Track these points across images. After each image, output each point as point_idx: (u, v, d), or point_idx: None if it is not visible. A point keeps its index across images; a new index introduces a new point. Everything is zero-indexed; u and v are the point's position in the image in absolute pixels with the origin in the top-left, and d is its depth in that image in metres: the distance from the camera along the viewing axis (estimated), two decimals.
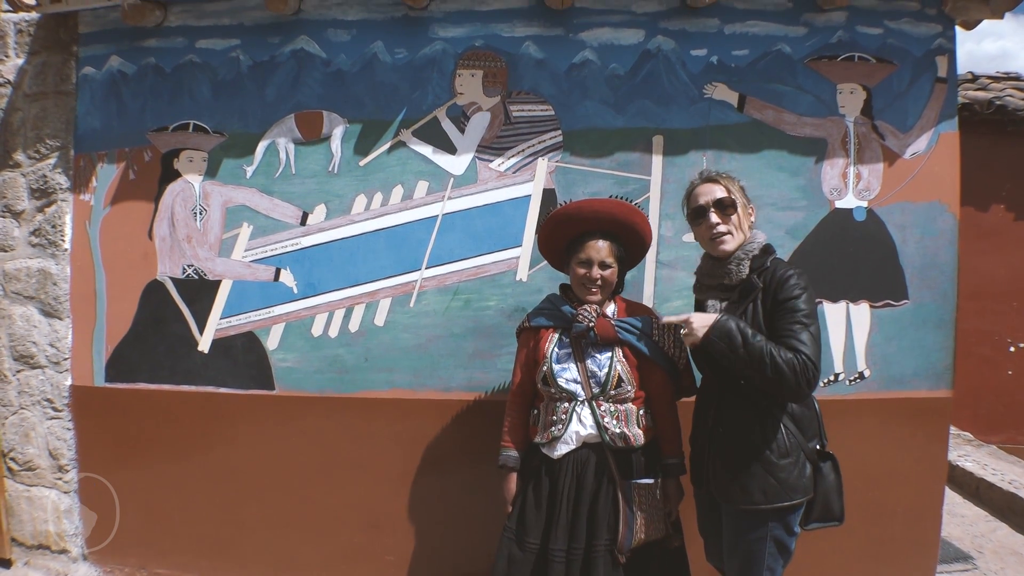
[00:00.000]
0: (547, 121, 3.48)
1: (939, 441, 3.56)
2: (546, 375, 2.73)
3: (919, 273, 3.48)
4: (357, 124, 3.56)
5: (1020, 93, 6.51)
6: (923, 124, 3.49)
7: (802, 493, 2.43)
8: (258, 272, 3.61)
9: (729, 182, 2.57)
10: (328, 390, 3.58)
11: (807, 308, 2.36)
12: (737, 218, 2.52)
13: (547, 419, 2.75)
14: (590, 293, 2.74)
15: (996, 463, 5.50)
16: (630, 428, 2.69)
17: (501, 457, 2.86)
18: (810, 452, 2.48)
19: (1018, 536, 4.55)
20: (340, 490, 3.61)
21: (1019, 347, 6.65)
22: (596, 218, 2.74)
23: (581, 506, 2.67)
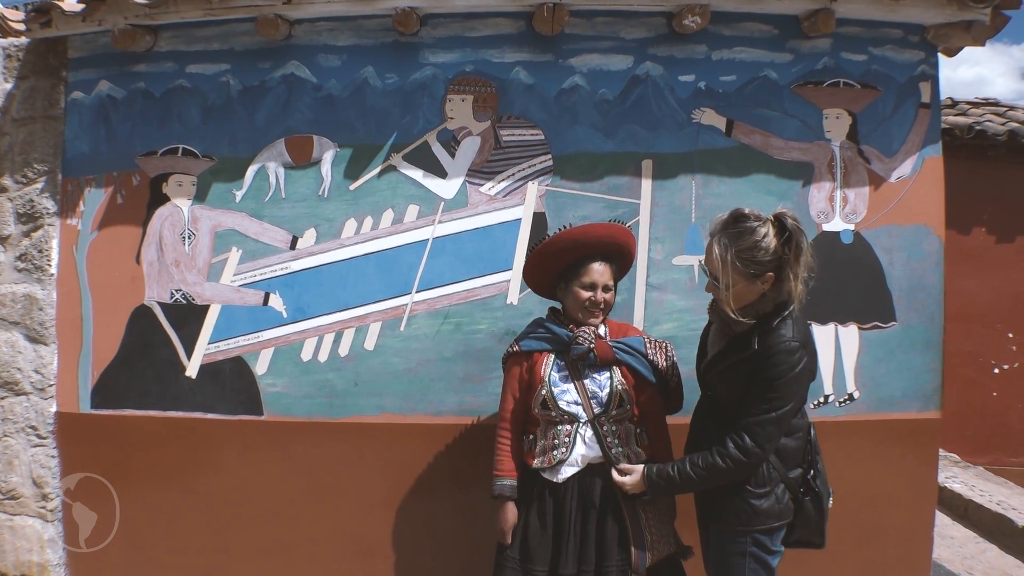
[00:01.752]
0: (537, 145, 3.49)
1: (929, 462, 3.56)
2: (546, 399, 2.70)
3: (906, 295, 3.51)
4: (347, 148, 3.54)
5: (999, 119, 6.63)
6: (908, 148, 3.53)
7: (776, 519, 2.44)
8: (247, 296, 3.58)
9: (725, 256, 2.30)
10: (317, 415, 3.54)
11: (782, 390, 2.29)
12: (731, 295, 2.32)
13: (547, 443, 2.72)
14: (593, 316, 2.75)
15: (984, 484, 5.52)
16: (631, 447, 2.70)
17: (496, 487, 2.80)
18: (791, 482, 2.47)
19: (1008, 557, 4.56)
20: (329, 517, 3.56)
21: (1003, 368, 6.70)
22: (599, 243, 2.75)
23: (589, 528, 2.65)
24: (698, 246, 3.45)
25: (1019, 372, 6.70)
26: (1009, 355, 6.72)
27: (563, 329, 2.78)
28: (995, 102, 7.05)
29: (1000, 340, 6.69)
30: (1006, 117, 6.71)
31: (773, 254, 2.27)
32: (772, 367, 2.28)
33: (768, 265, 2.28)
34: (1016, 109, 6.93)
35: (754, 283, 2.31)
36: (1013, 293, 6.67)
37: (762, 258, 2.27)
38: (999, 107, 6.95)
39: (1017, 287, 6.67)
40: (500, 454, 2.84)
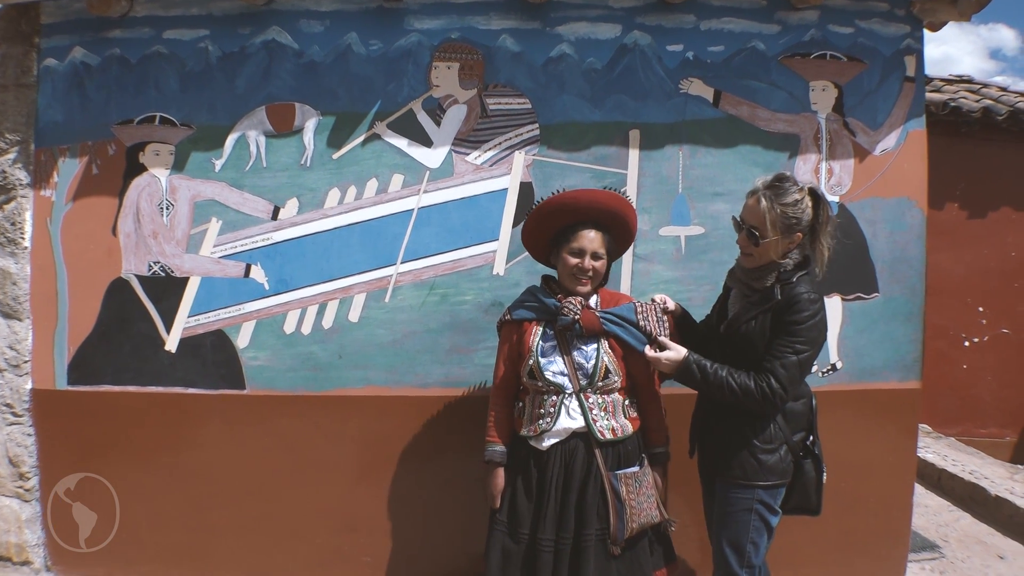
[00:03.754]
0: (524, 114, 3.43)
1: (909, 432, 3.60)
2: (532, 369, 2.68)
3: (889, 267, 3.52)
4: (330, 116, 3.46)
5: (973, 95, 6.67)
6: (892, 121, 3.53)
7: (779, 476, 2.53)
8: (227, 268, 3.49)
9: (769, 206, 2.45)
10: (301, 389, 3.47)
11: (804, 334, 2.42)
12: (764, 247, 2.48)
13: (534, 412, 2.71)
14: (580, 284, 2.70)
15: (956, 454, 5.60)
16: (617, 419, 2.68)
17: (488, 452, 2.79)
18: (794, 444, 2.57)
19: (981, 525, 4.63)
20: (314, 492, 3.50)
21: (973, 342, 6.79)
22: (591, 208, 2.69)
23: (569, 496, 2.63)
24: (685, 216, 3.42)
25: (989, 345, 6.80)
26: (979, 329, 6.81)
27: (551, 299, 2.73)
28: (969, 79, 7.09)
29: (971, 314, 6.78)
30: (980, 94, 6.75)
31: (806, 216, 2.47)
32: (795, 313, 2.41)
33: (800, 225, 2.48)
34: (990, 87, 6.98)
35: (787, 239, 2.48)
36: (984, 268, 6.75)
37: (799, 215, 2.46)
38: (973, 84, 7.00)
39: (988, 262, 6.76)
40: (491, 421, 2.83)
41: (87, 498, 3.59)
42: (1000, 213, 6.77)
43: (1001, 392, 6.80)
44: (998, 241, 6.77)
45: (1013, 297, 6.80)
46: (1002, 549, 4.29)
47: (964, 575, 3.94)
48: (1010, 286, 6.79)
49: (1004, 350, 6.80)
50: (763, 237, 2.47)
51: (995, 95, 6.78)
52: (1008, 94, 6.81)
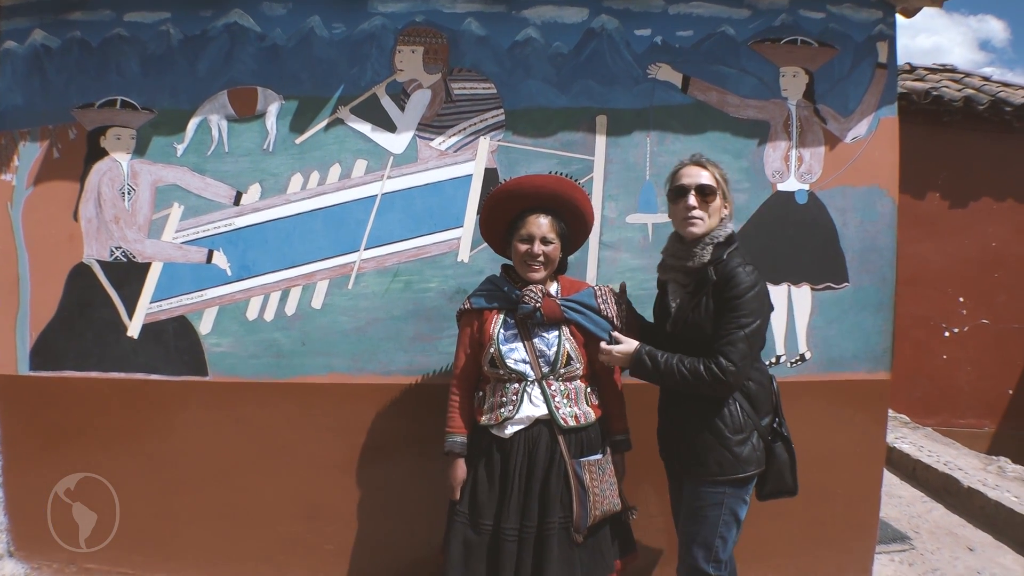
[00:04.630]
0: (489, 99, 3.34)
1: (878, 423, 3.53)
2: (494, 357, 2.63)
3: (859, 256, 3.45)
4: (293, 101, 3.36)
5: (956, 85, 6.60)
6: (864, 109, 3.45)
7: (755, 466, 2.49)
8: (190, 254, 3.41)
9: (717, 170, 2.53)
10: (264, 375, 3.39)
11: (747, 307, 2.37)
12: (715, 207, 2.50)
13: (495, 400, 2.65)
14: (532, 270, 2.65)
15: (932, 445, 5.54)
16: (580, 406, 2.65)
17: (448, 443, 2.73)
18: (763, 429, 2.52)
19: (953, 516, 4.57)
20: (277, 479, 3.43)
21: (953, 332, 6.74)
22: (537, 194, 2.65)
23: (533, 484, 2.59)
24: (652, 204, 3.35)
25: (968, 336, 6.74)
26: (959, 319, 6.76)
27: (512, 287, 2.69)
28: (952, 68, 7.01)
29: (951, 304, 6.72)
30: (963, 84, 6.67)
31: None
32: (733, 287, 2.37)
33: (729, 190, 2.59)
34: (972, 76, 6.91)
35: (724, 210, 2.55)
36: (965, 258, 6.69)
37: (728, 179, 2.58)
38: (956, 73, 6.92)
39: (969, 252, 6.70)
40: (451, 411, 2.77)
41: (50, 484, 3.51)
42: (981, 203, 6.71)
43: (980, 383, 6.76)
44: (979, 231, 6.72)
45: (993, 287, 6.75)
46: (972, 541, 4.23)
47: (932, 567, 3.88)
48: (990, 276, 6.74)
49: (983, 340, 6.76)
50: (714, 194, 2.48)
51: (977, 84, 6.70)
52: (990, 84, 6.74)
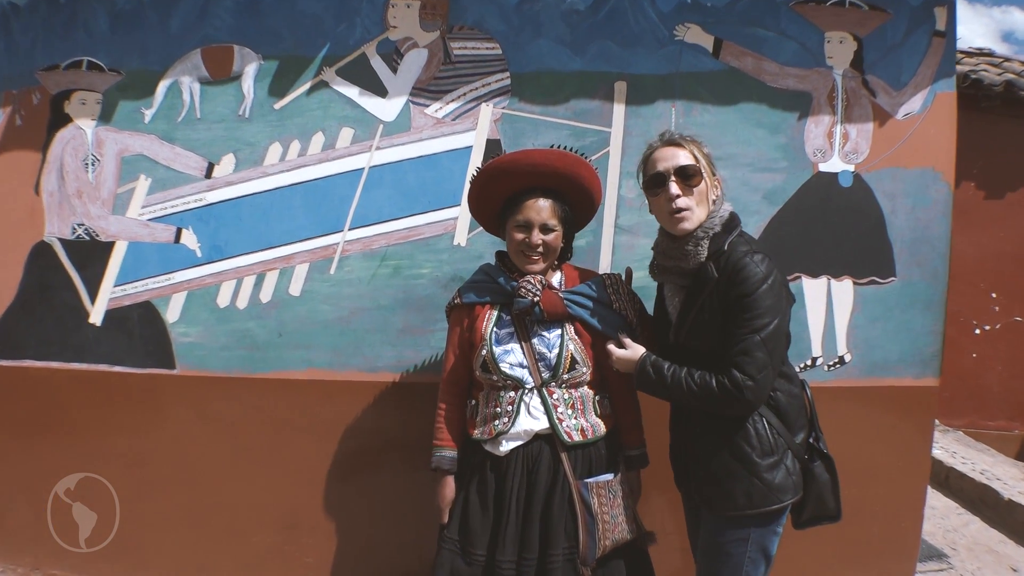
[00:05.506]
0: (493, 61, 2.91)
1: (923, 434, 3.09)
2: (486, 361, 2.20)
3: (908, 248, 2.99)
4: (273, 61, 2.95)
5: (995, 69, 6.07)
6: (918, 81, 2.98)
7: (792, 493, 2.05)
8: (156, 232, 2.99)
9: (695, 147, 2.07)
10: (236, 370, 2.98)
11: (760, 305, 1.92)
12: (702, 191, 2.04)
13: (489, 411, 2.24)
14: (530, 261, 2.22)
15: (965, 451, 5.08)
16: (587, 417, 2.22)
17: (435, 458, 2.31)
18: (798, 448, 2.08)
19: (992, 531, 4.12)
20: (252, 484, 3.02)
21: (984, 329, 6.24)
22: (534, 172, 2.20)
23: (533, 510, 2.17)
24: None
25: (1000, 333, 6.24)
26: (991, 316, 6.25)
27: (507, 278, 2.26)
28: (990, 52, 6.47)
29: (983, 300, 6.21)
30: (1002, 68, 6.14)
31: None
32: (740, 283, 1.92)
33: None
34: (1012, 61, 6.36)
35: (715, 190, 2.09)
36: (999, 251, 6.17)
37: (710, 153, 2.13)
38: (995, 58, 6.38)
39: (1003, 245, 6.18)
40: (440, 421, 2.35)
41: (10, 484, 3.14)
42: (1019, 194, 6.18)
43: (1011, 383, 6.25)
44: (1015, 224, 6.18)
45: None
46: (1015, 560, 3.79)
47: None
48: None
49: (1016, 339, 6.24)
50: (698, 175, 2.02)
51: (1018, 70, 6.17)
52: None
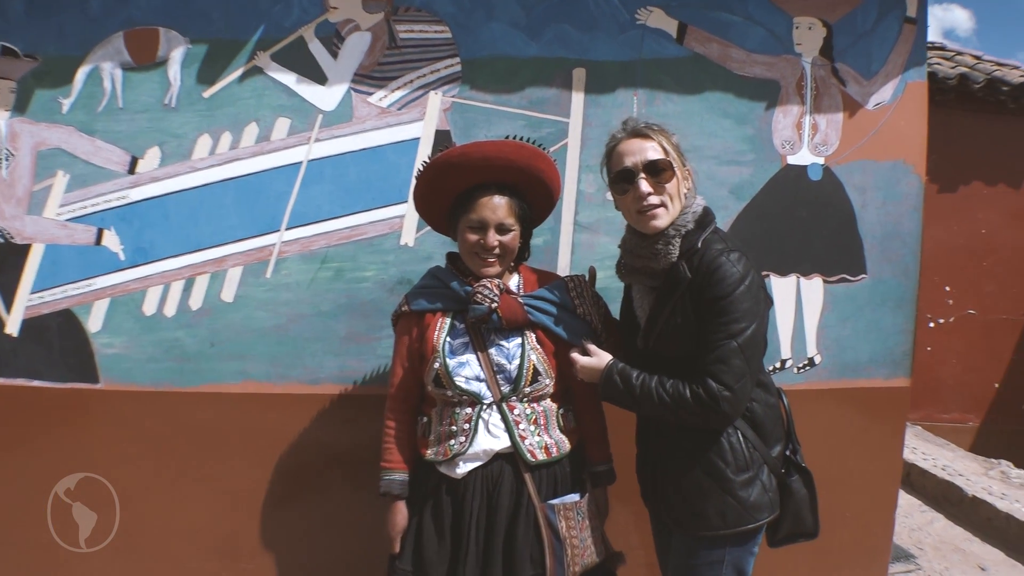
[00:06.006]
0: (442, 46, 2.65)
1: (895, 437, 2.99)
2: (439, 374, 1.97)
3: (879, 244, 2.85)
4: (202, 45, 2.63)
5: (948, 62, 6.00)
6: (889, 70, 2.83)
7: (768, 511, 1.90)
8: (76, 234, 2.68)
9: (664, 137, 1.88)
10: (166, 383, 2.68)
11: (737, 308, 1.75)
12: (674, 185, 1.85)
13: (443, 429, 2.01)
14: (486, 264, 2.00)
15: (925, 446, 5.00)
16: (551, 434, 2.02)
17: (384, 482, 2.07)
18: (774, 462, 1.94)
19: (957, 529, 4.02)
20: (185, 507, 2.73)
21: (939, 323, 6.21)
22: (488, 166, 1.95)
23: (494, 536, 1.96)
24: None
25: (955, 327, 6.22)
26: (945, 309, 6.22)
27: (460, 282, 2.02)
28: (942, 46, 6.42)
29: (937, 293, 6.18)
30: (955, 62, 6.08)
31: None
32: (715, 284, 1.76)
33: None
34: (964, 54, 6.31)
35: (686, 182, 1.91)
36: (952, 245, 6.15)
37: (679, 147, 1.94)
38: (947, 51, 6.32)
39: (956, 239, 6.16)
40: (387, 441, 2.10)
41: None
42: (971, 188, 6.17)
43: (965, 376, 6.24)
44: (968, 217, 6.17)
45: (981, 276, 6.23)
46: (982, 558, 3.69)
47: None
48: (978, 265, 6.21)
49: (970, 332, 6.24)
50: (669, 169, 1.83)
51: (971, 63, 6.12)
52: (984, 62, 6.17)
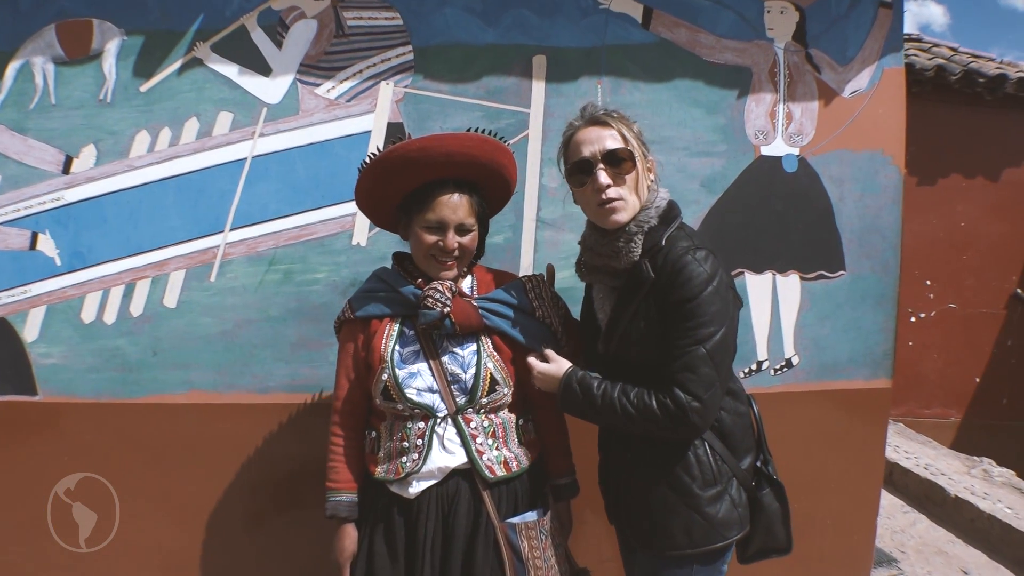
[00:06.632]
0: (393, 34, 2.46)
1: (876, 439, 2.82)
2: (388, 386, 1.78)
3: (858, 238, 2.69)
4: (138, 36, 2.43)
5: (924, 54, 5.87)
6: (865, 56, 2.66)
7: (738, 528, 1.75)
8: (9, 238, 2.48)
9: (624, 125, 1.72)
10: (107, 395, 2.48)
11: (704, 311, 1.60)
12: (634, 177, 1.70)
13: (394, 445, 1.82)
14: (444, 268, 1.81)
15: (907, 444, 4.85)
16: (510, 447, 1.85)
17: (330, 504, 1.89)
18: (744, 475, 1.77)
19: (940, 530, 3.87)
20: (128, 526, 2.53)
21: (920, 317, 6.07)
22: (449, 162, 1.75)
23: (451, 560, 1.78)
24: None
25: (936, 321, 6.09)
26: (927, 303, 6.09)
27: (409, 285, 1.83)
28: (919, 37, 6.28)
29: (918, 287, 6.04)
30: (932, 53, 5.95)
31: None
32: (680, 286, 1.60)
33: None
34: (940, 46, 6.18)
35: (648, 174, 1.76)
36: (932, 238, 6.01)
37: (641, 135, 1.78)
38: (923, 43, 6.19)
39: (936, 232, 6.02)
40: (333, 459, 1.92)
41: None
42: (950, 180, 6.03)
43: (947, 370, 6.11)
44: (947, 210, 6.04)
45: (961, 270, 6.10)
46: (965, 561, 3.54)
47: None
48: (958, 258, 6.08)
49: (951, 326, 6.11)
50: (630, 160, 1.68)
51: (947, 55, 5.98)
52: (960, 54, 6.03)
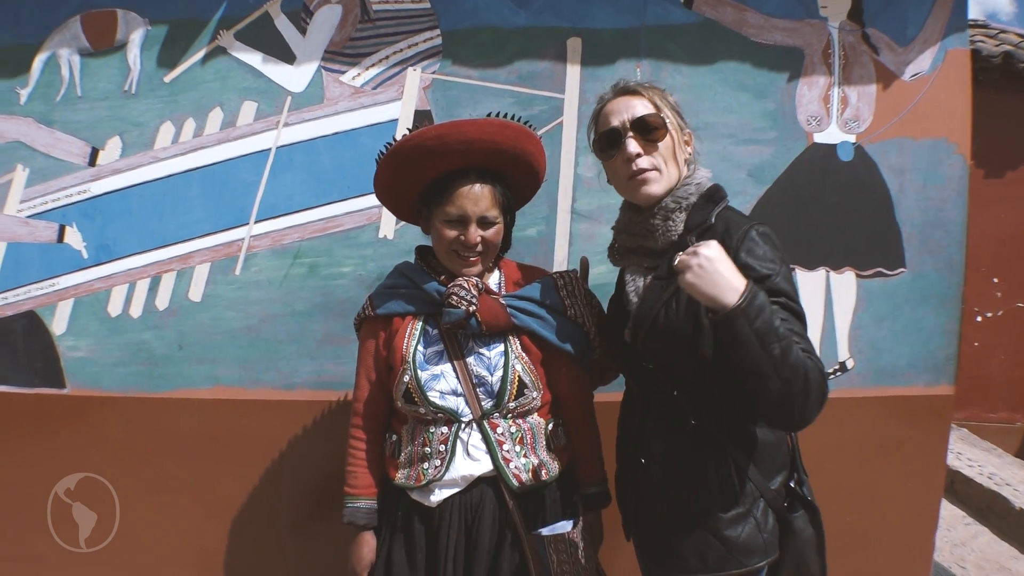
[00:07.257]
0: (420, 17, 2.35)
1: (936, 450, 2.59)
2: (410, 388, 1.67)
3: (919, 233, 2.46)
4: (161, 26, 2.39)
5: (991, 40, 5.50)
6: (926, 36, 2.44)
7: (760, 555, 1.51)
8: (37, 231, 2.45)
9: (656, 94, 1.58)
10: (133, 389, 2.44)
11: (790, 289, 1.39)
12: (668, 146, 1.54)
13: (415, 451, 1.71)
14: (466, 264, 1.68)
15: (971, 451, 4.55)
16: (539, 454, 1.73)
17: (347, 510, 1.79)
18: (773, 495, 1.54)
19: (1003, 545, 3.60)
20: (157, 520, 2.50)
21: (986, 316, 5.70)
22: (469, 150, 1.62)
23: (475, 572, 1.66)
24: None
25: (1003, 320, 5.70)
26: (994, 302, 5.71)
27: (433, 282, 1.71)
28: (985, 24, 5.89)
29: (985, 285, 5.67)
30: (999, 40, 5.56)
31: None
32: (755, 265, 1.38)
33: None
34: (1008, 32, 5.78)
35: (686, 148, 1.60)
36: (1000, 234, 5.62)
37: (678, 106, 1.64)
38: (990, 29, 5.80)
39: (1005, 228, 5.63)
40: (352, 463, 1.82)
41: None
42: (1019, 172, 5.63)
43: (1014, 372, 5.72)
44: (1017, 204, 5.63)
45: None
46: None
47: None
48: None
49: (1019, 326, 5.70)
50: (662, 128, 1.52)
51: (1015, 41, 5.59)
52: None
